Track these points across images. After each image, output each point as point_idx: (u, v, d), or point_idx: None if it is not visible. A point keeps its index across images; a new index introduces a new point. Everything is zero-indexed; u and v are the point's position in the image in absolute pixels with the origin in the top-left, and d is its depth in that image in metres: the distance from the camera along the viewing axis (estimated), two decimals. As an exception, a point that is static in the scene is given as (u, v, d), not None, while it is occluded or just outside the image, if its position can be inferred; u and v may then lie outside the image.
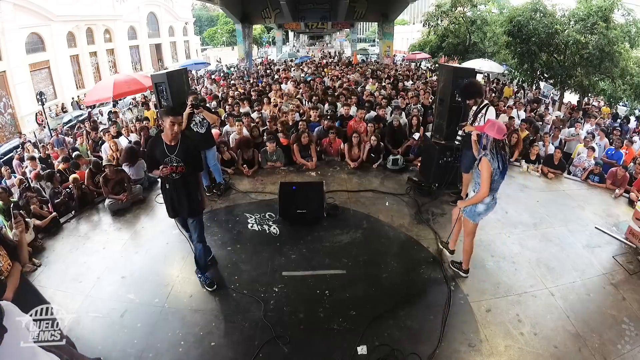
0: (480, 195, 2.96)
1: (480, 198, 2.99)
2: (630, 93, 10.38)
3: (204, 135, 4.64)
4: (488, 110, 3.94)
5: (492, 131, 2.86)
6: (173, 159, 2.93)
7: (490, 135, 2.87)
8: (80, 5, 20.52)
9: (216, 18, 50.14)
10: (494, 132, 2.85)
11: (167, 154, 2.92)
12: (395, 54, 25.29)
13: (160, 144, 2.94)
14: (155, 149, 2.98)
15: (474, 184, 3.14)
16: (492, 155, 2.87)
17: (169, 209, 3.19)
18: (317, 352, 2.69)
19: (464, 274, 3.41)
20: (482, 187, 2.92)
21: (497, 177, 2.94)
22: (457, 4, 18.32)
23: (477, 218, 3.16)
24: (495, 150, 2.87)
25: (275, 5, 19.01)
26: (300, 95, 8.95)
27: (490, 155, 2.87)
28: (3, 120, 15.71)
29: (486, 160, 2.86)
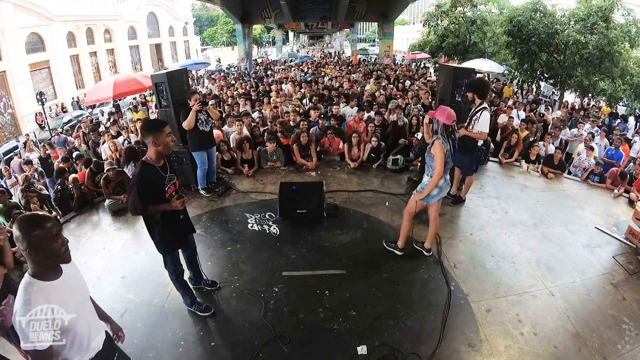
0: (435, 178, 3.15)
1: (435, 180, 3.16)
2: (630, 93, 10.39)
3: (208, 134, 4.64)
4: (482, 114, 3.96)
5: (442, 117, 3.08)
6: (171, 177, 2.49)
7: (440, 120, 3.09)
8: (80, 5, 20.53)
9: (216, 18, 50.16)
10: (444, 118, 3.07)
11: (163, 175, 2.43)
12: (395, 54, 25.28)
13: (152, 169, 2.40)
14: (149, 180, 2.38)
15: (427, 168, 3.28)
16: (443, 139, 3.08)
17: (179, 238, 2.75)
18: (317, 352, 2.69)
19: (399, 252, 3.62)
20: (437, 168, 3.10)
21: (449, 159, 3.15)
22: (457, 4, 18.35)
23: (430, 200, 3.33)
24: (445, 134, 3.10)
25: (275, 5, 19.01)
26: (303, 95, 8.96)
27: (442, 138, 3.09)
28: (3, 120, 15.72)
29: (439, 142, 3.08)
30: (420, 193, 3.32)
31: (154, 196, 2.41)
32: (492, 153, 6.39)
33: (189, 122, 4.34)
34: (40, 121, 14.86)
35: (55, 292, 1.49)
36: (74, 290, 1.59)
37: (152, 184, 2.39)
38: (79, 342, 1.59)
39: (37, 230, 1.43)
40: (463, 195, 4.66)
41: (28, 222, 1.45)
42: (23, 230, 1.42)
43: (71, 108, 18.12)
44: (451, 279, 3.36)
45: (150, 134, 2.36)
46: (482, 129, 3.98)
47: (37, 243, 1.43)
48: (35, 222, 1.45)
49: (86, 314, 1.65)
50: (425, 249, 3.65)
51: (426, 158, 3.27)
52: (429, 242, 3.60)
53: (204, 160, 4.69)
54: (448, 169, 3.21)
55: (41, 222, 1.45)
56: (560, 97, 12.44)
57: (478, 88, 4.02)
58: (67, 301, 1.51)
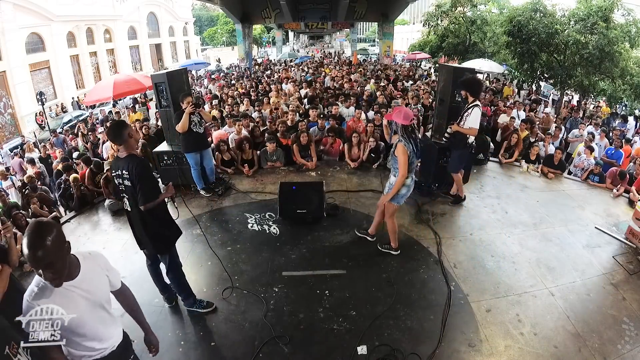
0: (400, 179, 3.21)
1: (401, 182, 3.23)
2: (630, 93, 10.39)
3: (202, 136, 4.65)
4: (473, 110, 4.00)
5: (399, 118, 3.10)
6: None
7: (398, 122, 3.10)
8: (80, 5, 20.52)
9: (216, 18, 50.12)
10: (401, 119, 3.09)
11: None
12: (395, 54, 25.28)
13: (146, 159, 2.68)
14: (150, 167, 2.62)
15: (393, 170, 3.34)
16: (405, 140, 3.11)
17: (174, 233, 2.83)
18: (317, 352, 2.69)
19: (394, 252, 3.64)
20: (401, 170, 3.17)
21: (413, 159, 3.20)
22: (457, 4, 18.33)
23: (399, 201, 3.40)
24: (406, 135, 3.12)
25: (275, 5, 18.99)
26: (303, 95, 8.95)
27: (404, 140, 3.11)
28: (3, 120, 15.72)
29: (401, 145, 3.12)
30: (388, 194, 3.37)
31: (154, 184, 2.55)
32: (492, 153, 6.39)
33: (182, 125, 4.35)
34: (40, 121, 14.86)
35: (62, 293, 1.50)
36: (86, 294, 1.59)
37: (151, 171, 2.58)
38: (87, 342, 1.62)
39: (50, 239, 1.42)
40: (461, 194, 4.65)
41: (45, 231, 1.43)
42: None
43: (71, 108, 18.11)
44: (451, 279, 3.36)
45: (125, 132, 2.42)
46: (472, 125, 4.03)
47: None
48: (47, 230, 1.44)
49: (97, 322, 1.65)
50: (370, 235, 3.83)
51: (391, 160, 3.34)
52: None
53: (196, 162, 4.71)
54: (413, 169, 3.31)
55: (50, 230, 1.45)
56: (560, 97, 12.44)
57: (470, 86, 4.08)
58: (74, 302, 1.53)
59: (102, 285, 1.71)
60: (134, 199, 2.51)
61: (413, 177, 3.36)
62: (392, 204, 3.43)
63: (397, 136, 3.22)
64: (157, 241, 2.71)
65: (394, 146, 3.21)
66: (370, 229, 3.85)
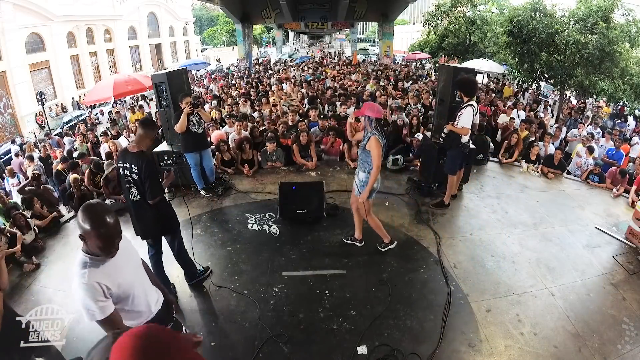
0: (375, 172, 3.18)
1: (376, 174, 3.20)
2: (630, 93, 10.39)
3: (200, 136, 4.65)
4: (466, 110, 4.01)
5: (372, 112, 3.12)
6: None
7: (372, 116, 3.13)
8: (80, 5, 20.53)
9: (216, 18, 50.11)
10: (374, 113, 3.12)
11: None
12: (395, 54, 25.28)
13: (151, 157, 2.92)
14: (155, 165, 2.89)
15: (363, 165, 3.31)
16: (379, 133, 3.14)
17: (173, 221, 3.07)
18: (317, 352, 2.69)
19: (391, 245, 3.66)
20: (375, 163, 3.15)
21: (384, 153, 3.23)
22: (457, 4, 18.33)
23: (372, 195, 3.40)
24: (379, 128, 3.16)
25: (275, 5, 18.98)
26: (303, 95, 8.95)
27: (378, 133, 3.13)
28: (3, 120, 15.72)
29: (375, 138, 3.13)
30: (364, 193, 3.34)
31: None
32: (492, 153, 6.39)
33: (180, 125, 4.35)
34: (40, 121, 14.86)
35: (110, 267, 1.57)
36: (127, 260, 1.69)
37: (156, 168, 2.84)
38: (136, 308, 1.72)
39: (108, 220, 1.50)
40: (446, 200, 4.57)
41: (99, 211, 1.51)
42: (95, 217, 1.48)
43: (71, 108, 18.12)
44: (451, 279, 3.36)
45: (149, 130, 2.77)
46: (464, 124, 4.02)
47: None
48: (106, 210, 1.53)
49: (141, 279, 1.78)
50: (358, 240, 3.78)
51: (360, 154, 3.33)
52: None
53: (196, 162, 4.72)
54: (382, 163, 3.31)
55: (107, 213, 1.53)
56: (560, 97, 12.44)
57: (463, 86, 4.07)
58: (122, 274, 1.62)
59: (132, 247, 1.81)
60: (140, 191, 2.75)
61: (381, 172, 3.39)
62: (366, 202, 3.41)
63: (361, 133, 3.31)
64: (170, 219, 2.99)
65: (365, 140, 3.22)
66: (355, 233, 3.79)
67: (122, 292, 1.60)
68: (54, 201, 4.86)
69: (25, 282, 3.52)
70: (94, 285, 1.50)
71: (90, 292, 1.50)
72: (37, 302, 3.19)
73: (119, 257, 1.61)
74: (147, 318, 1.78)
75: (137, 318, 1.73)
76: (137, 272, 1.76)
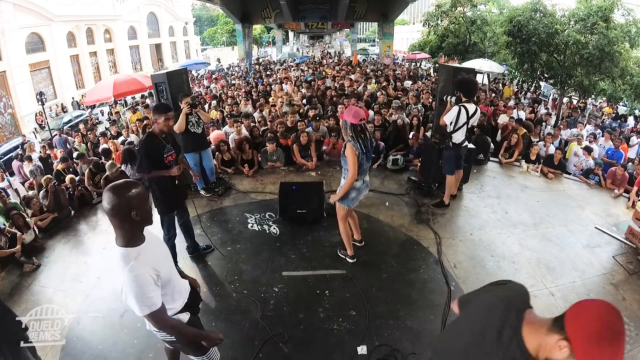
0: (349, 180, 3.06)
1: (350, 183, 3.08)
2: (630, 93, 10.38)
3: (200, 136, 4.65)
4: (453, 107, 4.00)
5: (349, 116, 2.96)
6: (169, 149, 3.10)
7: (348, 120, 2.97)
8: (80, 5, 20.54)
9: (216, 18, 50.10)
10: (351, 117, 2.95)
11: (165, 144, 3.07)
12: (395, 54, 25.27)
13: (155, 139, 3.05)
14: (152, 146, 3.02)
15: (344, 172, 3.20)
16: (354, 140, 2.96)
17: (175, 202, 3.30)
18: (317, 352, 2.69)
19: (350, 259, 3.54)
20: (350, 171, 3.02)
21: (363, 161, 3.04)
22: (457, 4, 18.32)
23: (349, 203, 3.24)
24: (354, 135, 2.97)
25: (275, 5, 18.98)
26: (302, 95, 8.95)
27: (353, 140, 2.96)
28: (3, 120, 15.72)
29: (350, 145, 2.97)
30: (336, 195, 3.26)
31: (155, 161, 3.02)
32: (492, 153, 6.39)
33: (179, 126, 4.35)
34: (40, 121, 14.86)
35: (148, 253, 1.58)
36: (158, 247, 1.70)
37: (154, 150, 3.01)
38: (176, 289, 1.76)
39: (136, 191, 1.50)
40: (445, 200, 4.57)
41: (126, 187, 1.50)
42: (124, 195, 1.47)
43: (71, 108, 18.13)
44: (451, 279, 3.36)
45: (156, 114, 3.02)
46: (445, 118, 4.07)
47: (138, 204, 1.50)
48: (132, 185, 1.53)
49: (171, 263, 1.79)
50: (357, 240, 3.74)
51: (342, 161, 3.18)
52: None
53: (196, 162, 4.72)
54: (364, 170, 3.14)
55: (136, 185, 1.54)
56: (561, 97, 12.43)
57: (462, 86, 4.04)
58: (160, 258, 1.64)
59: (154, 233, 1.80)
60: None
61: (365, 180, 3.20)
62: (341, 207, 3.28)
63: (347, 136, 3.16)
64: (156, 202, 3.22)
65: (343, 146, 3.08)
66: (355, 234, 3.72)
67: (165, 276, 1.62)
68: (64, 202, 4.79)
69: (25, 282, 3.52)
70: (145, 275, 1.49)
71: (144, 282, 1.48)
72: (37, 302, 3.18)
73: (150, 243, 1.62)
74: (184, 302, 1.80)
75: (179, 300, 1.76)
76: (168, 256, 1.77)
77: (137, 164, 3.10)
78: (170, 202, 3.26)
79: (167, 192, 3.18)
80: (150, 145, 3.03)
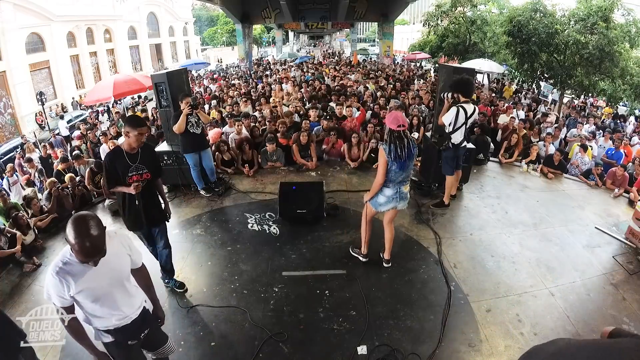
0: (376, 182, 3.05)
1: (377, 185, 3.06)
2: (630, 93, 10.38)
3: (199, 136, 4.65)
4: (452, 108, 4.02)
5: (388, 121, 2.97)
6: (138, 167, 2.75)
7: (387, 125, 2.98)
8: (80, 5, 20.54)
9: (216, 18, 50.09)
10: (389, 122, 2.95)
11: (130, 164, 2.72)
12: (395, 54, 25.27)
13: (121, 156, 2.72)
14: (115, 162, 2.71)
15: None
16: (386, 144, 2.97)
17: (137, 221, 2.94)
18: (317, 352, 2.69)
19: (363, 258, 3.55)
20: (378, 173, 3.02)
21: (395, 168, 2.97)
22: (457, 4, 18.32)
23: (378, 207, 3.22)
24: (389, 139, 2.96)
25: (275, 5, 18.99)
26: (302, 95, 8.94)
27: (386, 145, 2.97)
28: (3, 120, 15.72)
29: (381, 149, 2.98)
30: (367, 195, 3.25)
31: (116, 178, 2.74)
32: (492, 153, 6.39)
33: (179, 126, 4.35)
34: (40, 121, 14.86)
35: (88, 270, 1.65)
36: (109, 271, 1.74)
37: (114, 168, 2.72)
38: (106, 312, 1.79)
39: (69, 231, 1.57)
40: (445, 200, 4.56)
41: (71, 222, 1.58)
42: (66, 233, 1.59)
43: (71, 108, 18.12)
44: (451, 279, 3.36)
45: (127, 126, 2.67)
46: (443, 117, 4.10)
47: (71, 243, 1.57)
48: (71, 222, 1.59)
49: (120, 291, 1.83)
50: (384, 260, 3.50)
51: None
52: (387, 252, 3.47)
53: (195, 162, 4.72)
54: (394, 179, 3.03)
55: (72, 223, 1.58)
56: (561, 97, 12.43)
57: (458, 86, 4.05)
58: (98, 278, 1.70)
59: (124, 264, 1.86)
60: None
61: (400, 191, 3.11)
62: (370, 207, 3.26)
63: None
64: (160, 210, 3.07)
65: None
66: (385, 253, 3.51)
67: (89, 295, 1.69)
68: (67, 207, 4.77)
69: (25, 282, 3.52)
70: (59, 279, 1.61)
71: (54, 283, 1.61)
72: (37, 302, 3.18)
73: (101, 266, 1.66)
74: (116, 326, 1.85)
75: (104, 322, 1.82)
76: (115, 283, 1.79)
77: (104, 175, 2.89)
78: (132, 220, 2.96)
79: (129, 209, 2.90)
80: (112, 160, 2.72)
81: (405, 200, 3.21)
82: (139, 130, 2.63)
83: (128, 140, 2.67)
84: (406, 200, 3.23)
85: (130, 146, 2.70)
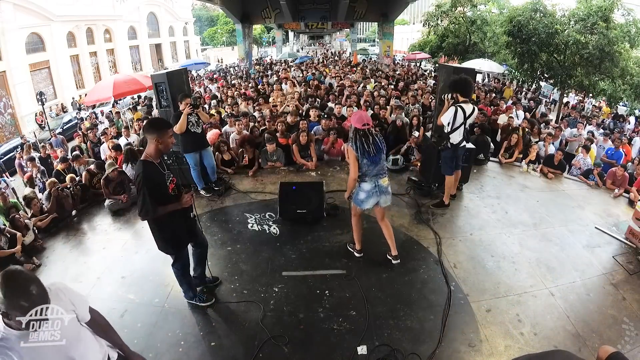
0: (349, 178, 3.22)
1: (350, 181, 3.23)
2: (630, 93, 10.37)
3: (199, 136, 4.66)
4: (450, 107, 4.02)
5: (353, 120, 3.15)
6: (168, 175, 2.50)
7: (352, 124, 3.14)
8: (80, 5, 20.52)
9: (216, 18, 50.08)
10: (355, 122, 3.12)
11: (163, 172, 2.46)
12: (395, 54, 25.28)
13: (154, 167, 2.42)
14: (154, 174, 2.41)
15: None
16: (351, 141, 3.12)
17: (185, 237, 2.75)
18: (317, 352, 2.69)
19: (357, 254, 3.62)
20: (350, 170, 3.19)
21: (366, 162, 3.12)
22: (457, 4, 18.33)
23: (360, 204, 3.31)
24: (355, 138, 3.10)
25: (275, 5, 19.00)
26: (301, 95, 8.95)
27: (352, 142, 3.11)
28: (3, 120, 15.71)
29: (349, 147, 3.15)
30: (346, 193, 3.40)
31: (159, 194, 2.41)
32: (492, 153, 6.39)
33: (180, 126, 4.36)
34: (40, 121, 14.85)
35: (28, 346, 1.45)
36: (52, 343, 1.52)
37: (156, 181, 2.41)
38: None
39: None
40: (445, 200, 4.57)
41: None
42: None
43: (71, 108, 18.12)
44: (451, 279, 3.36)
45: (155, 132, 2.42)
46: (442, 117, 4.13)
47: None
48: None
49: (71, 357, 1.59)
50: (393, 257, 3.50)
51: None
52: (393, 248, 3.49)
53: (196, 162, 4.72)
54: (369, 173, 3.17)
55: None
56: (561, 97, 12.43)
57: (456, 86, 4.05)
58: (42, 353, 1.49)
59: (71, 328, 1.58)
60: None
61: (378, 184, 3.21)
62: (354, 205, 3.39)
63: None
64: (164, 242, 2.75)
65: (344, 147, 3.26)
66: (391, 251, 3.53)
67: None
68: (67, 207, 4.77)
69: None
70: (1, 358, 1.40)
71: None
72: (37, 302, 3.18)
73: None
74: None
75: None
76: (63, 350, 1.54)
77: (140, 206, 2.37)
78: (184, 237, 2.74)
79: (181, 228, 2.63)
80: (150, 175, 2.38)
81: (386, 194, 3.30)
82: (169, 130, 2.46)
83: (159, 146, 2.42)
84: (388, 195, 3.32)
85: (159, 153, 2.46)
